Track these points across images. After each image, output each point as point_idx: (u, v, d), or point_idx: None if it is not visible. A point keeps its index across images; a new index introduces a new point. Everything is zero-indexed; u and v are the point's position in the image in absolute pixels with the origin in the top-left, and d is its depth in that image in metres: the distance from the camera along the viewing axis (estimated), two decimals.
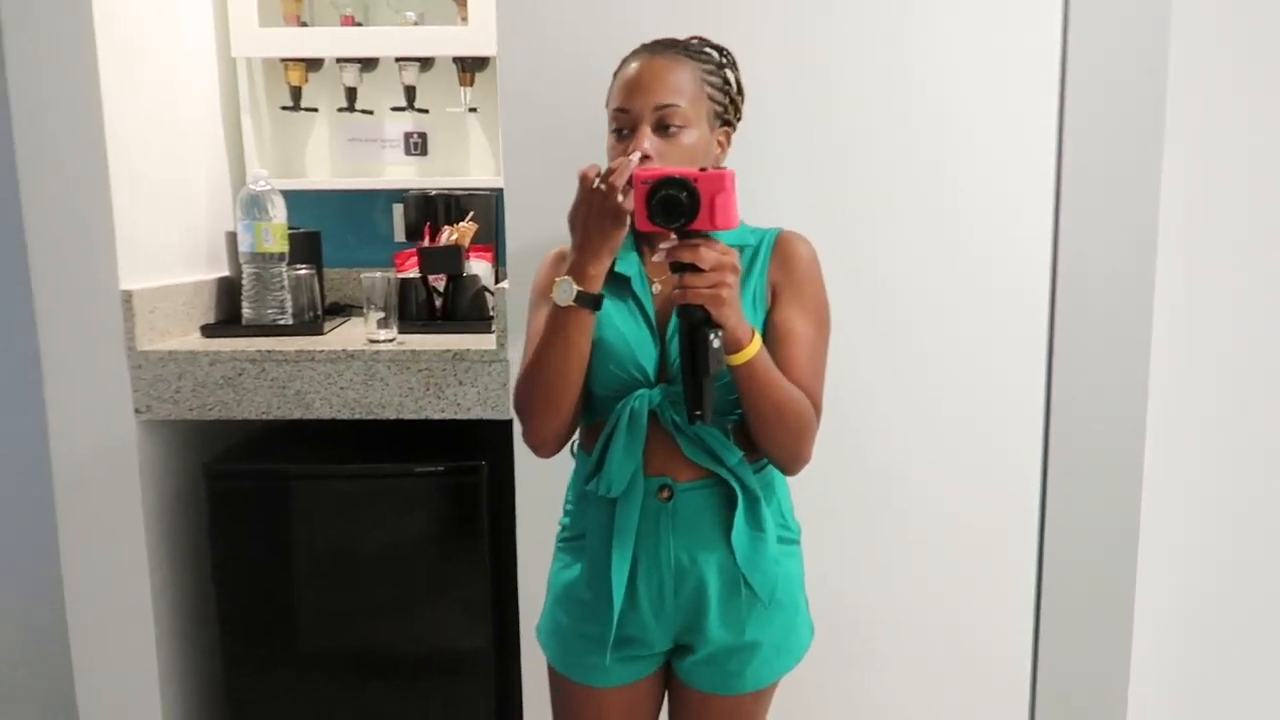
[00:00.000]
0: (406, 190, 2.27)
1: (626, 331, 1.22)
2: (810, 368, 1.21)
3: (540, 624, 1.36)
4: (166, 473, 1.92)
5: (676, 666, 1.30)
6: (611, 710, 1.30)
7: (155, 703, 1.87)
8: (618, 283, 1.23)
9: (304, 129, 2.42)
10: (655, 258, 1.12)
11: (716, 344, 1.08)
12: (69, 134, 1.73)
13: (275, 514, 1.88)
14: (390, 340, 1.88)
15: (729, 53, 1.30)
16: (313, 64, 2.30)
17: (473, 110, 2.32)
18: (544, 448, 1.26)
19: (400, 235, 2.44)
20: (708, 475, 1.22)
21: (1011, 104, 1.60)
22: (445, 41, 2.23)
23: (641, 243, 1.28)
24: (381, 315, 1.89)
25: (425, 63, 2.28)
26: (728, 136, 1.29)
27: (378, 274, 1.91)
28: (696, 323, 1.08)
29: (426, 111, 2.34)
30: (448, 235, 2.06)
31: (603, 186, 1.10)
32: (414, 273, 2.07)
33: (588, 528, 1.27)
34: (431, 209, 2.16)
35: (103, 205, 1.75)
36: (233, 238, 2.15)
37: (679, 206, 1.06)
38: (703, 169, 1.08)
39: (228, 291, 2.17)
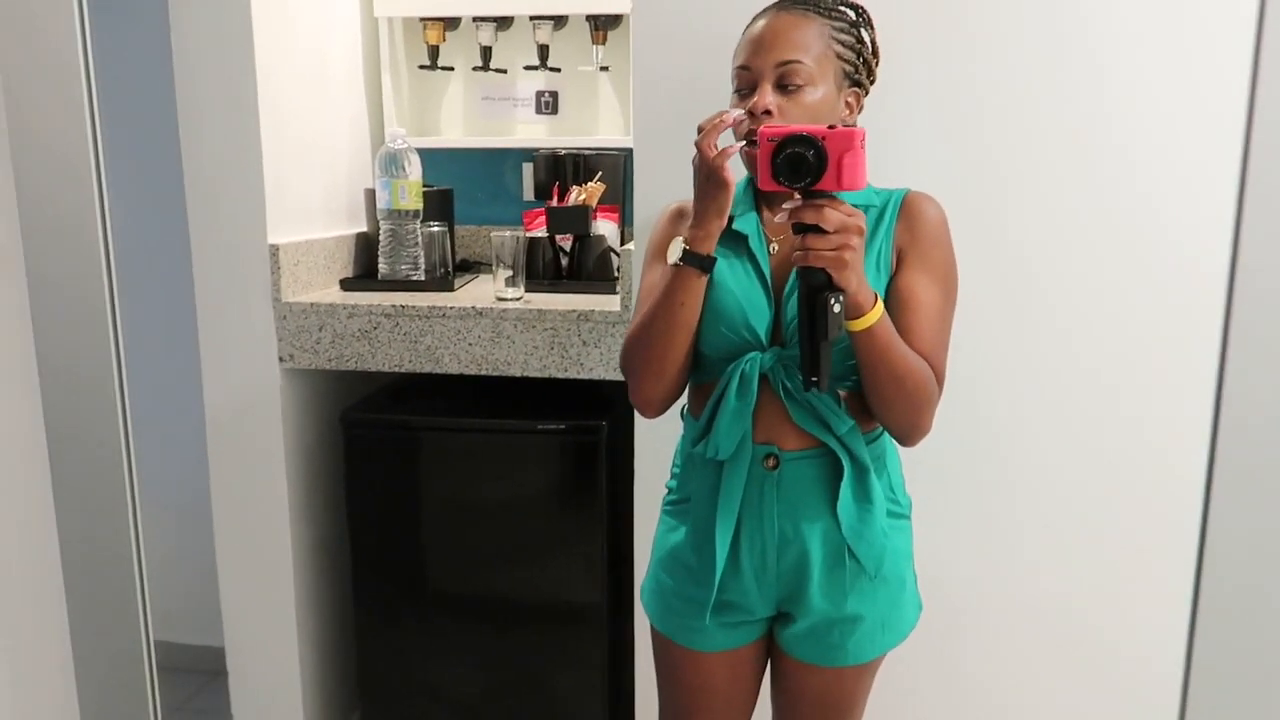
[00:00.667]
0: (537, 150, 2.29)
1: (740, 292, 1.19)
2: (934, 336, 1.17)
3: (644, 585, 1.37)
4: (306, 420, 2.02)
5: (778, 635, 1.29)
6: (713, 674, 1.30)
7: (292, 636, 2.00)
8: (735, 241, 1.21)
9: (440, 88, 2.47)
10: (778, 218, 1.09)
11: (837, 309, 1.05)
12: (225, 96, 1.81)
13: (405, 463, 1.95)
14: (518, 299, 1.91)
15: (865, 11, 1.24)
16: (450, 23, 2.34)
17: (604, 69, 2.32)
18: (649, 408, 1.26)
19: (529, 194, 2.47)
20: (816, 445, 1.19)
21: (1194, 67, 1.46)
22: (577, 0, 2.23)
23: (761, 201, 1.25)
24: (509, 274, 1.93)
25: (559, 21, 2.28)
26: (857, 98, 1.24)
27: (507, 233, 1.94)
28: (817, 286, 1.05)
29: (559, 70, 2.35)
30: (576, 195, 2.07)
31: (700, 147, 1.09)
32: (541, 232, 2.10)
33: (693, 491, 1.27)
34: (560, 168, 2.18)
35: (254, 163, 1.83)
36: (371, 194, 2.22)
37: (805, 165, 1.03)
38: (831, 127, 1.04)
39: (365, 247, 2.25)
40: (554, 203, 2.09)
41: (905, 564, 1.27)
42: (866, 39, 1.24)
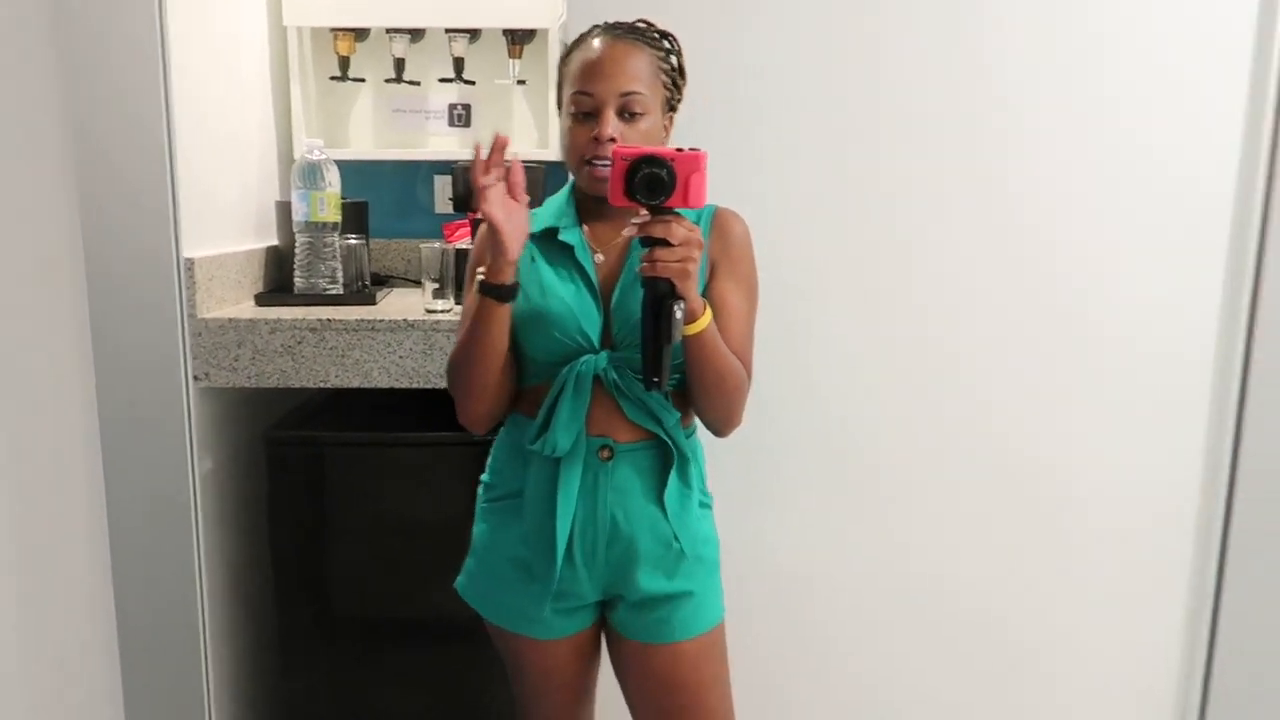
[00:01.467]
0: (450, 162, 2.28)
1: (570, 299, 1.27)
2: (744, 337, 1.30)
3: (465, 582, 1.40)
4: (223, 440, 1.93)
5: (611, 619, 1.36)
6: (556, 659, 1.36)
7: (199, 666, 1.89)
8: (562, 251, 1.29)
9: (350, 99, 2.42)
10: (626, 232, 1.19)
11: (679, 315, 1.14)
12: (133, 100, 1.73)
13: (331, 481, 1.90)
14: (447, 310, 1.89)
15: (675, 39, 1.34)
16: (361, 34, 2.30)
17: (521, 82, 2.33)
18: (476, 426, 1.33)
19: (441, 206, 2.45)
20: (647, 437, 1.29)
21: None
22: (495, 13, 2.23)
23: (583, 214, 1.32)
24: (437, 285, 1.91)
25: (474, 34, 2.29)
26: (672, 121, 1.34)
27: (435, 245, 1.92)
28: (662, 294, 1.14)
29: (473, 83, 2.34)
30: None
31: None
32: (467, 243, 2.08)
33: (526, 487, 1.31)
34: None
35: (163, 172, 1.75)
36: (283, 207, 2.16)
37: (661, 184, 1.13)
38: (680, 150, 1.14)
39: (277, 261, 2.18)
40: (477, 215, 2.08)
41: (716, 549, 1.37)
42: (678, 65, 1.33)
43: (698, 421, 1.36)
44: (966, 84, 1.58)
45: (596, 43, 1.27)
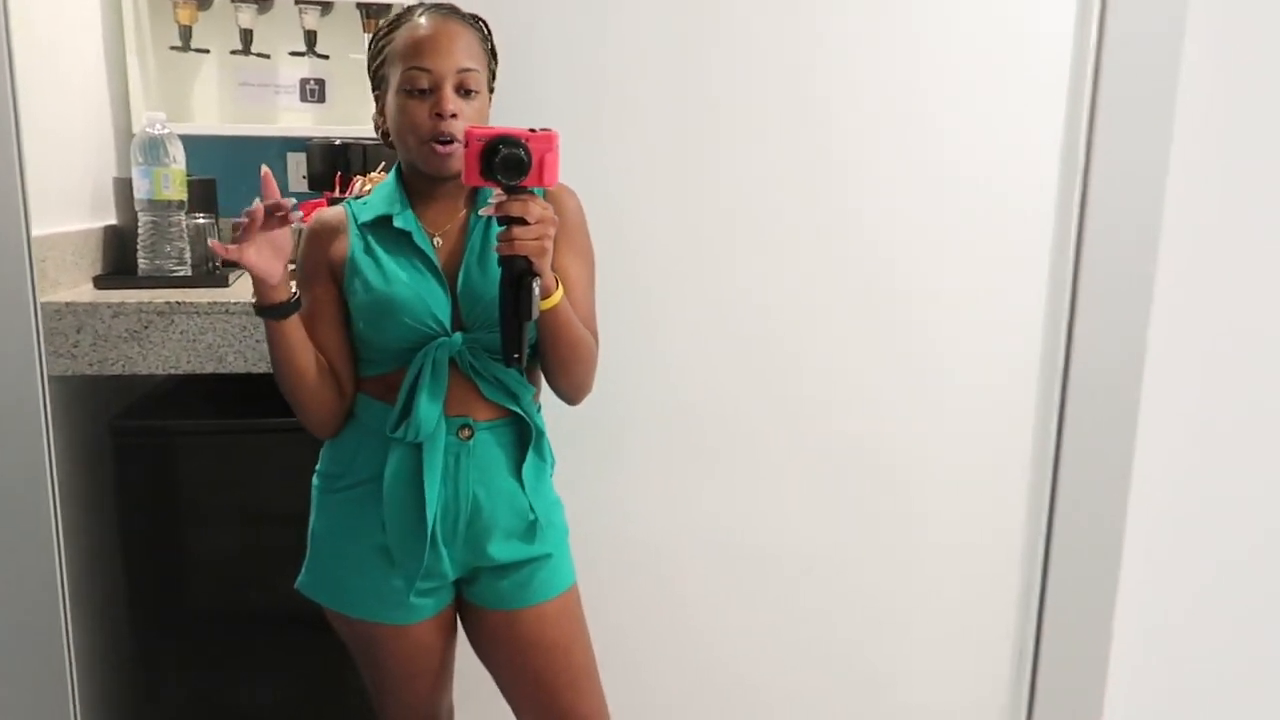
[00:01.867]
0: (303, 139, 2.21)
1: (416, 286, 1.27)
2: (589, 307, 1.35)
3: (306, 580, 1.38)
4: (60, 432, 1.82)
5: (469, 594, 1.36)
6: (421, 641, 1.36)
7: (62, 659, 1.80)
8: (398, 238, 1.29)
9: (192, 71, 2.31)
10: (482, 211, 1.22)
11: (537, 291, 1.16)
12: None
13: (185, 470, 1.83)
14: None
15: (486, 22, 1.35)
16: (203, 2, 2.20)
17: None
18: (321, 431, 1.35)
19: (296, 184, 2.38)
20: (504, 414, 1.31)
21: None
22: None
23: (413, 198, 1.31)
24: (294, 265, 1.85)
25: (325, 7, 2.22)
26: (490, 102, 1.35)
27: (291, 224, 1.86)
28: (520, 272, 1.16)
29: (327, 58, 2.27)
30: (360, 186, 2.02)
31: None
32: None
33: (385, 473, 1.30)
34: (340, 158, 2.11)
35: (13, 144, 1.63)
36: (121, 184, 2.04)
37: (521, 164, 1.14)
38: (533, 130, 1.15)
39: (116, 241, 2.06)
40: (337, 194, 2.03)
41: (563, 512, 1.41)
42: (494, 48, 1.35)
43: (545, 394, 1.38)
44: (803, 85, 1.61)
45: (425, 20, 1.26)
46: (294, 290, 1.25)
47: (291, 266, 1.30)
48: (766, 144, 1.63)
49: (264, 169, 1.22)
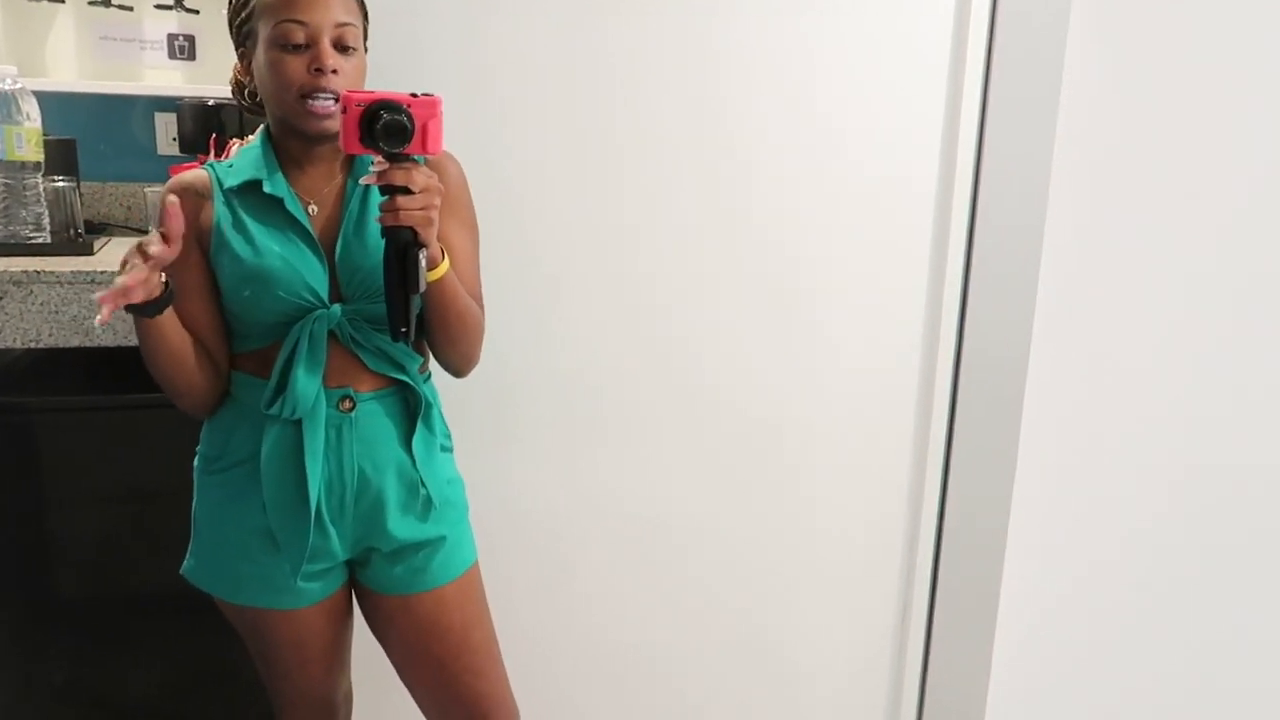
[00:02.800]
0: (173, 99, 2.10)
1: (291, 256, 1.20)
2: (475, 276, 1.32)
3: (191, 565, 1.32)
4: None
5: (364, 578, 1.33)
6: (310, 627, 1.31)
7: None
8: (270, 205, 1.22)
9: (45, 22, 2.15)
10: (364, 180, 1.14)
11: (423, 263, 1.13)
12: None
13: (47, 450, 1.72)
14: None
15: None
16: None
17: None
18: (198, 413, 1.28)
19: (165, 147, 2.25)
20: (388, 384, 1.26)
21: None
22: None
23: (284, 162, 1.24)
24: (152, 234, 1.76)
25: None
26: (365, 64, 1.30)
27: (160, 189, 1.76)
28: (406, 243, 1.11)
29: (197, 12, 2.15)
30: (237, 149, 1.92)
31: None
32: None
33: (263, 451, 1.24)
34: (214, 119, 2.01)
35: None
36: None
37: (405, 131, 1.08)
38: (414, 95, 1.11)
39: None
40: (211, 158, 1.93)
41: (462, 490, 1.38)
42: (364, 4, 1.28)
43: (433, 366, 1.34)
44: (696, 78, 1.61)
45: None
46: (165, 280, 1.13)
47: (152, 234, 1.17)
48: (663, 126, 1.62)
49: (172, 199, 1.09)
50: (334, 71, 1.16)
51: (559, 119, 1.58)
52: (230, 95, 1.34)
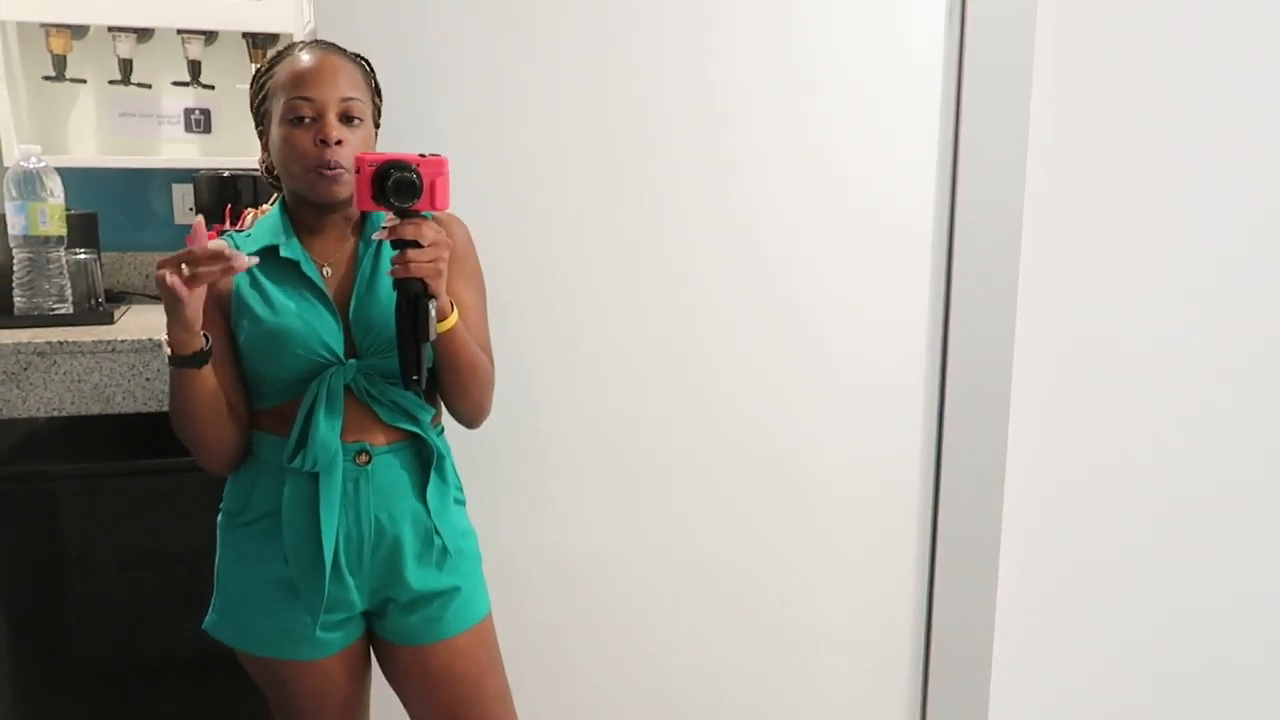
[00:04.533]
0: (189, 171, 2.16)
1: (308, 316, 1.26)
2: (484, 330, 1.37)
3: (214, 619, 1.35)
4: None
5: (380, 629, 1.35)
6: (330, 678, 1.34)
7: None
8: (286, 268, 1.28)
9: (68, 102, 2.23)
10: (376, 236, 1.21)
11: (433, 313, 1.19)
12: None
13: (68, 516, 1.75)
14: None
15: (368, 60, 1.36)
16: (78, 30, 2.13)
17: None
18: (220, 471, 1.32)
19: (182, 217, 2.32)
20: (403, 437, 1.30)
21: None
22: (232, 15, 2.13)
23: (299, 229, 1.30)
24: None
25: (209, 36, 2.18)
26: (376, 137, 1.36)
27: None
28: (416, 295, 1.18)
29: (212, 88, 2.23)
30: (252, 218, 1.98)
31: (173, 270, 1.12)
32: None
33: (283, 505, 1.28)
34: (229, 190, 2.07)
35: None
36: None
37: (414, 188, 1.16)
38: (423, 155, 1.18)
39: None
40: (227, 226, 1.99)
41: (475, 542, 1.41)
42: (378, 85, 1.36)
43: (445, 420, 1.38)
44: (695, 102, 1.65)
45: (307, 54, 1.26)
46: (205, 336, 1.19)
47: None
48: (665, 165, 1.67)
49: (198, 219, 1.14)
50: (338, 143, 1.22)
51: (563, 172, 1.63)
52: (243, 167, 1.40)
